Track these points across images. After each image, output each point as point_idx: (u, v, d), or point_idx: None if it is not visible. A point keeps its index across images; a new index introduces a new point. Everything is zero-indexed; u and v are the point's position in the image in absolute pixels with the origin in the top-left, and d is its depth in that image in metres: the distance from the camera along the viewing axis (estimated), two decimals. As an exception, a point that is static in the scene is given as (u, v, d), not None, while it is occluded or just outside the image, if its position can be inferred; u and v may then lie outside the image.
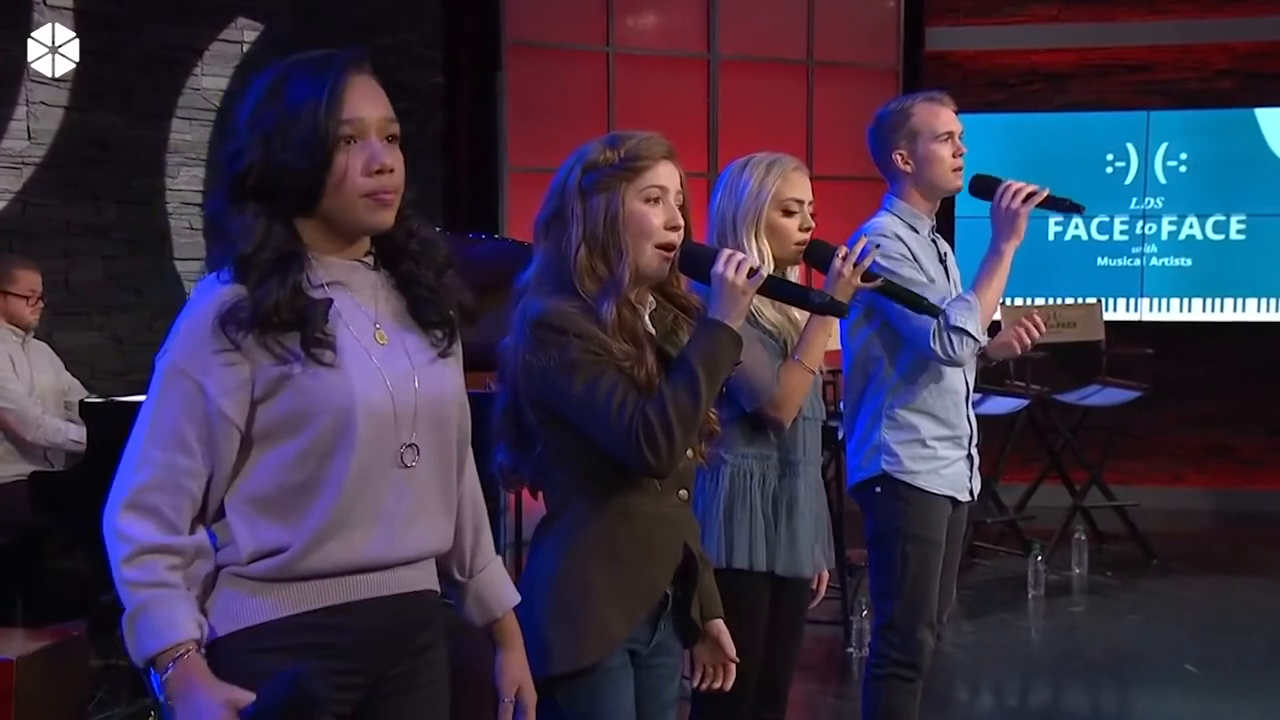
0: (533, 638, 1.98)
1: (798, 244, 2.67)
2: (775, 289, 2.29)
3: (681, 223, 2.09)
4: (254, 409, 1.59)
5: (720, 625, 2.22)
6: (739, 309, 2.07)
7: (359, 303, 1.67)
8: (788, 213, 2.66)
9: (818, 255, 2.70)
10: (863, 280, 2.67)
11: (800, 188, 2.67)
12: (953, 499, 3.06)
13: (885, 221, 3.06)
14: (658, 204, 2.07)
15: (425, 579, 1.74)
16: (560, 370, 1.98)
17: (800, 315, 2.66)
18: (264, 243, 1.59)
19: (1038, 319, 3.14)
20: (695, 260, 2.13)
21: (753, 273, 2.07)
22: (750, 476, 2.63)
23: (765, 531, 2.62)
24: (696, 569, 2.14)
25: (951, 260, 3.17)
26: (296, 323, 1.58)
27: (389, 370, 1.64)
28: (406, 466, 1.65)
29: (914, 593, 2.99)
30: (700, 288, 2.18)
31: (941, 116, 3.05)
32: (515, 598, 1.90)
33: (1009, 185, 2.97)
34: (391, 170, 1.64)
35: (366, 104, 1.64)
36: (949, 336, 2.90)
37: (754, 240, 2.63)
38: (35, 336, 4.86)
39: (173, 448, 1.59)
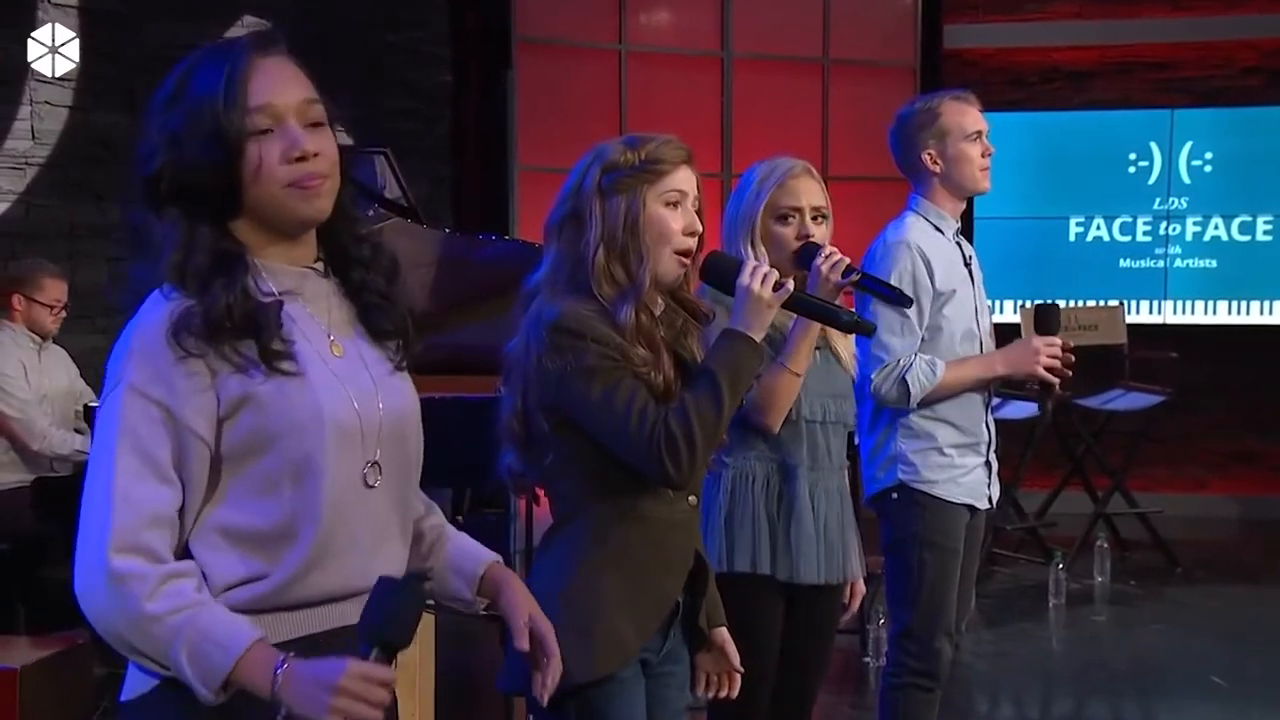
0: None
1: (794, 252, 2.62)
2: (801, 305, 2.27)
3: (700, 228, 2.09)
4: (220, 426, 1.51)
5: (724, 634, 2.21)
6: (762, 321, 2.08)
7: (311, 312, 1.59)
8: (783, 221, 2.63)
9: (804, 257, 2.66)
10: (843, 277, 2.64)
11: (799, 194, 2.62)
12: (971, 507, 3.06)
13: (909, 226, 3.05)
14: (677, 209, 2.07)
15: None
16: (577, 375, 1.98)
17: (786, 318, 2.62)
18: (191, 246, 1.52)
19: (1066, 350, 3.10)
20: (720, 270, 2.13)
21: (778, 286, 2.08)
22: (751, 479, 2.61)
23: (770, 535, 2.61)
24: (705, 576, 2.14)
25: (976, 264, 3.16)
26: (250, 328, 1.51)
27: (351, 385, 1.57)
28: (370, 487, 1.58)
29: (931, 601, 2.99)
30: (704, 291, 2.18)
31: (970, 115, 3.06)
32: (493, 554, 1.79)
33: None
34: (316, 154, 1.55)
35: (277, 88, 1.55)
36: (893, 382, 2.93)
37: (750, 248, 2.60)
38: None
39: (148, 477, 1.48)
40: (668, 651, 2.13)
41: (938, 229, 3.07)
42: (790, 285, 2.12)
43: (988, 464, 3.08)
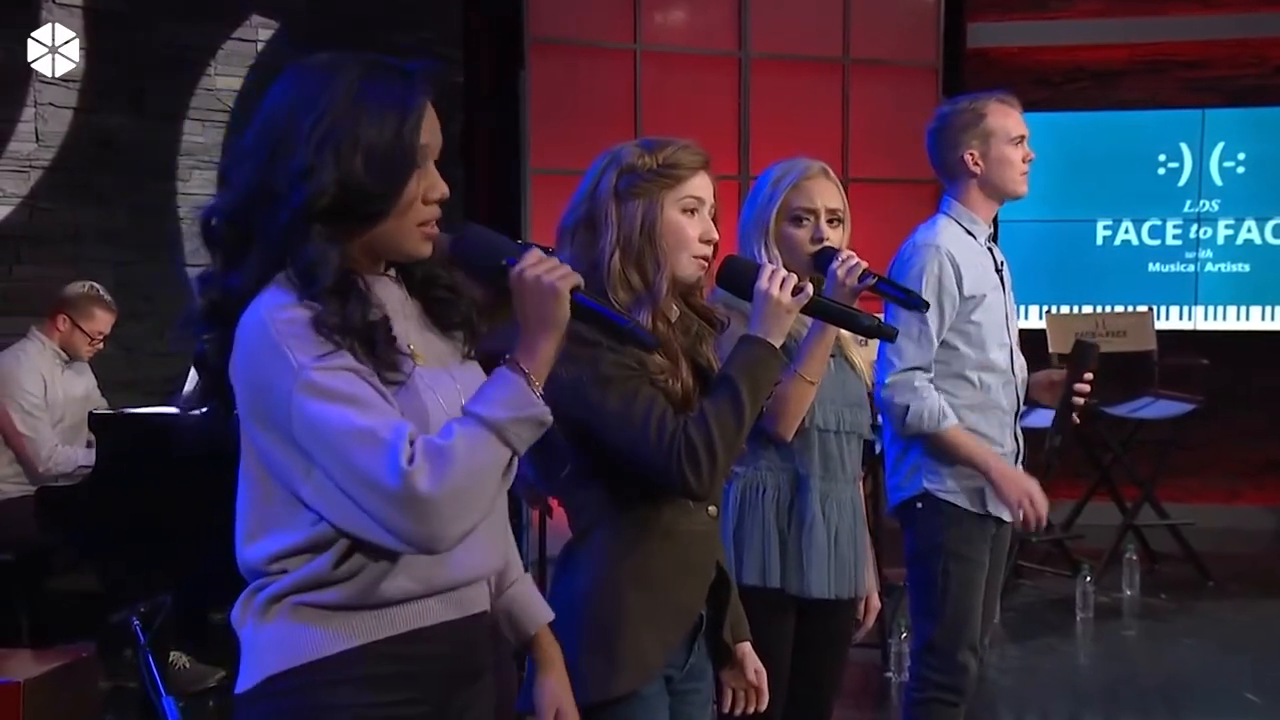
0: (565, 666, 1.97)
1: (810, 255, 2.63)
2: (821, 309, 2.28)
3: (716, 236, 2.10)
4: None
5: (748, 648, 2.22)
6: (782, 327, 2.08)
7: (392, 320, 1.63)
8: (797, 223, 2.64)
9: (822, 262, 2.66)
10: (859, 281, 2.64)
11: (814, 196, 2.63)
12: (997, 518, 3.06)
13: (940, 229, 3.05)
14: (694, 215, 2.08)
15: (484, 599, 1.74)
16: (593, 384, 1.97)
17: (800, 325, 2.63)
18: (323, 263, 1.54)
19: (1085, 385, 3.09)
20: (737, 275, 2.14)
21: (797, 290, 2.08)
22: (762, 490, 2.62)
23: (779, 547, 2.61)
24: (728, 588, 2.14)
25: (1007, 270, 3.17)
26: (369, 342, 1.55)
27: (439, 386, 1.63)
28: None
29: (955, 614, 2.99)
30: (715, 296, 2.18)
31: (1014, 118, 3.09)
32: (549, 614, 1.89)
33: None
34: (441, 202, 1.63)
35: (431, 128, 1.61)
36: (900, 400, 2.95)
37: (764, 251, 2.61)
38: None
39: (384, 407, 1.51)
40: (691, 667, 2.12)
41: (969, 233, 3.08)
42: (810, 289, 2.12)
43: None
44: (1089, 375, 3.01)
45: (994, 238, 3.20)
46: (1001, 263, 3.15)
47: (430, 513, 1.47)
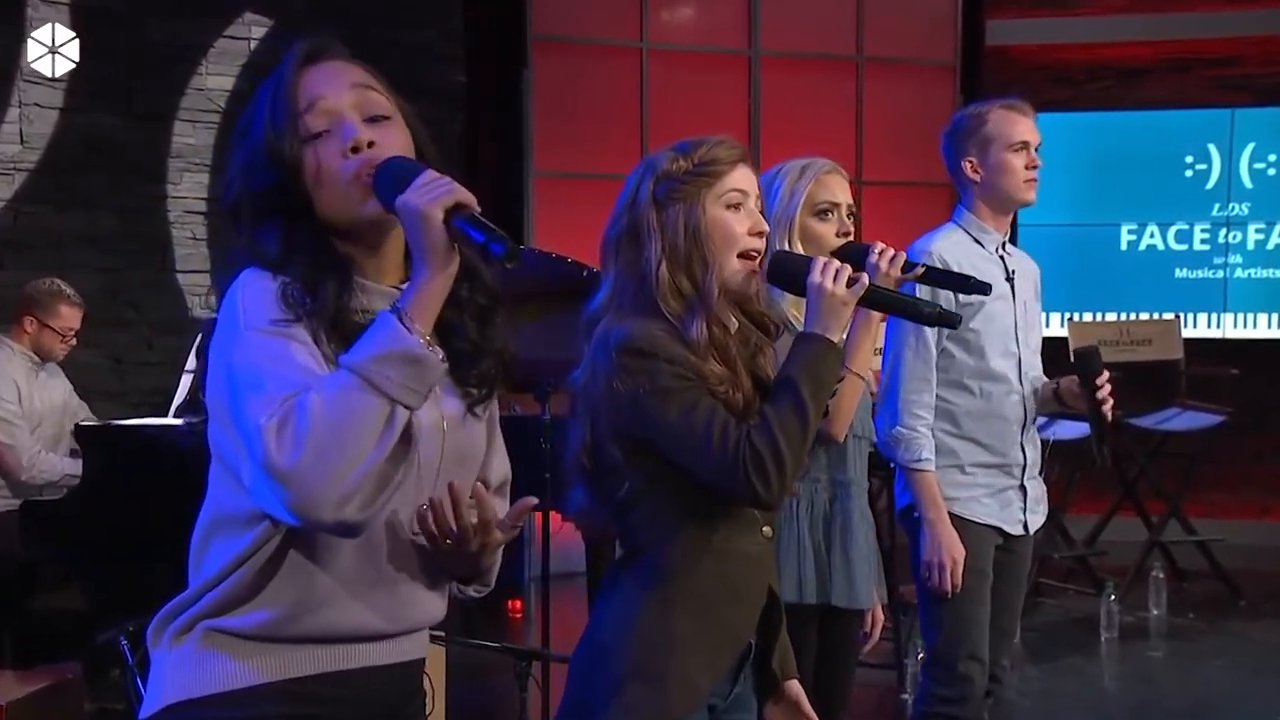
0: (609, 692, 1.96)
1: (835, 249, 2.69)
2: (878, 299, 2.27)
3: (765, 228, 2.10)
4: None
5: (798, 687, 2.19)
6: (841, 321, 2.06)
7: None
8: (822, 217, 2.69)
9: (852, 256, 2.70)
10: (903, 271, 2.67)
11: (835, 190, 2.71)
12: (1000, 530, 3.08)
13: (940, 235, 3.08)
14: (739, 209, 2.07)
15: (421, 646, 1.70)
16: (651, 397, 1.96)
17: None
18: (294, 248, 1.54)
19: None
20: (787, 270, 2.13)
21: (852, 281, 2.07)
22: (796, 501, 2.64)
23: (815, 561, 2.63)
24: (780, 615, 2.13)
25: (1028, 280, 3.18)
26: (344, 339, 1.51)
27: (418, 419, 1.53)
28: (416, 533, 1.59)
29: (956, 624, 3.02)
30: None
31: (1018, 125, 3.08)
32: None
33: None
34: (372, 144, 1.55)
35: (326, 84, 1.58)
36: (893, 421, 3.00)
37: (789, 248, 2.65)
38: None
39: (303, 375, 1.46)
40: (736, 696, 2.10)
41: (977, 241, 3.09)
42: (865, 280, 2.09)
43: (1022, 488, 3.11)
44: (1104, 378, 3.01)
45: (1007, 244, 3.19)
46: (1013, 271, 3.15)
47: (291, 480, 1.40)
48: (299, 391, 1.43)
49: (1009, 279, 3.13)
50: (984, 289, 2.79)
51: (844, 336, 2.09)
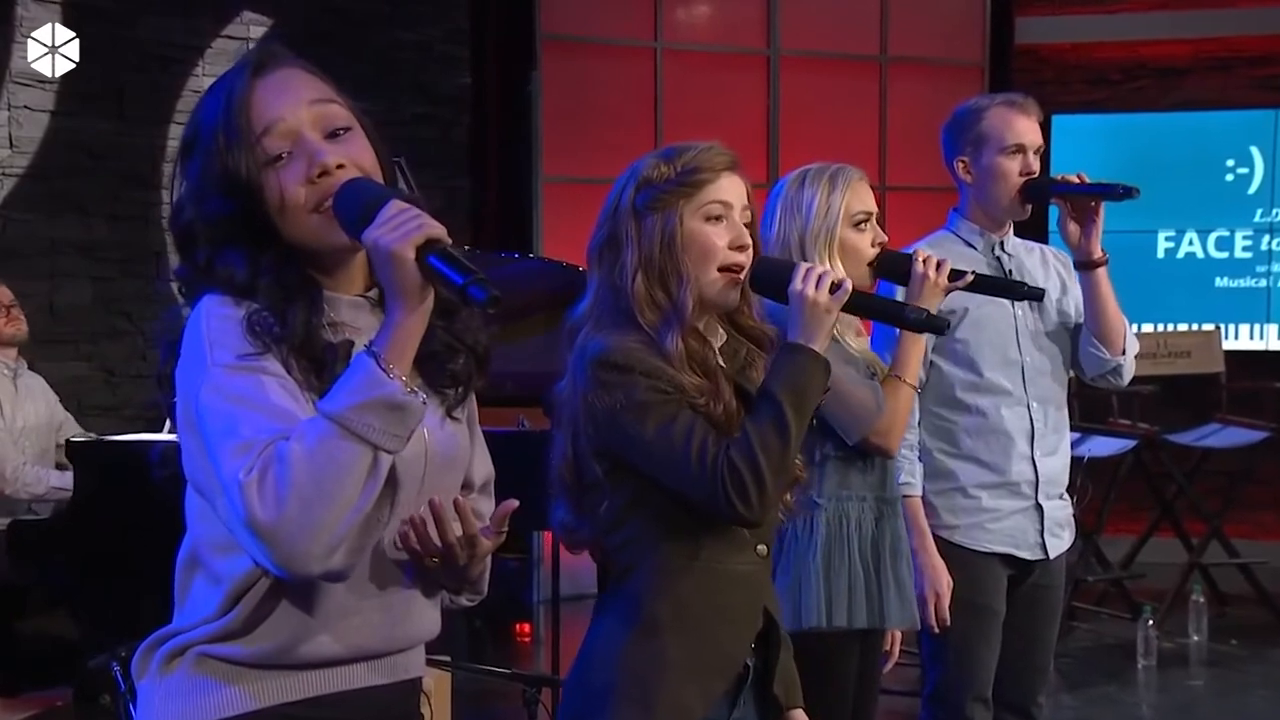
0: (599, 714, 1.97)
1: (871, 261, 2.70)
2: (863, 305, 2.27)
3: (749, 242, 2.09)
4: None
5: (803, 717, 2.18)
6: (824, 330, 2.06)
7: (357, 344, 1.58)
8: (859, 228, 2.70)
9: (892, 266, 2.71)
10: (950, 280, 2.68)
11: (867, 198, 2.72)
12: (1013, 557, 3.00)
13: (928, 242, 2.99)
14: (720, 222, 2.07)
15: (419, 664, 1.71)
16: (628, 413, 1.97)
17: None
18: (258, 270, 1.53)
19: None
20: (769, 277, 2.12)
21: (835, 287, 2.07)
22: (847, 521, 2.65)
23: (865, 583, 2.64)
24: (778, 637, 2.12)
25: (1050, 277, 3.10)
26: (314, 361, 1.52)
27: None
28: (400, 548, 1.60)
29: (959, 662, 2.96)
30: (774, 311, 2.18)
31: (1016, 125, 2.98)
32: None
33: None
34: (340, 166, 1.54)
35: (282, 102, 1.55)
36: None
37: (828, 262, 2.64)
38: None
39: (279, 418, 1.45)
40: None
41: (969, 245, 3.03)
42: (849, 285, 2.10)
43: (1038, 507, 3.00)
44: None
45: (1009, 241, 3.08)
46: (1011, 273, 3.02)
47: (276, 537, 1.41)
48: (276, 439, 1.44)
49: None
50: (1037, 294, 2.77)
51: (828, 344, 2.10)
